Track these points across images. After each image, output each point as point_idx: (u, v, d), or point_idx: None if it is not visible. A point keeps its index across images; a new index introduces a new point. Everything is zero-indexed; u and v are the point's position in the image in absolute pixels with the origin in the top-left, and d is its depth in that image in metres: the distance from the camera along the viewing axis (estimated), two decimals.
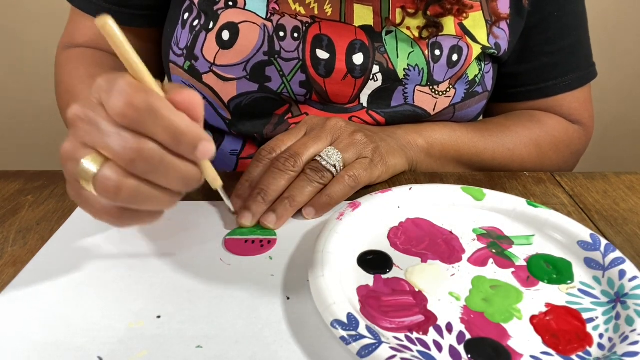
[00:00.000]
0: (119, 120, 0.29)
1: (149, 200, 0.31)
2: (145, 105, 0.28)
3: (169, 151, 0.30)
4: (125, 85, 0.29)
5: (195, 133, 0.30)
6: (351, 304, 0.32)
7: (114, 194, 0.30)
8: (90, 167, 0.30)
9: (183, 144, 0.30)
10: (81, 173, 0.30)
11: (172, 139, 0.29)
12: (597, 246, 0.38)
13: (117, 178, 0.29)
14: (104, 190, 0.30)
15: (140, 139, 0.29)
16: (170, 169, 0.30)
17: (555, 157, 0.61)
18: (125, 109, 0.28)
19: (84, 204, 0.33)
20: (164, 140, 0.29)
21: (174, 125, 0.29)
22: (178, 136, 0.29)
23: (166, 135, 0.29)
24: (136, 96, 0.28)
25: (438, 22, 0.53)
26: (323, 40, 0.51)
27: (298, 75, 0.52)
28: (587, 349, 0.31)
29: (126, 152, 0.29)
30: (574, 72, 0.62)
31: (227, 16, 0.51)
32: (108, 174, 0.29)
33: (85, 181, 0.30)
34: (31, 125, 1.45)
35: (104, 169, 0.30)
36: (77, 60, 0.60)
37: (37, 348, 0.31)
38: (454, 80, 0.55)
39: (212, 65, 0.52)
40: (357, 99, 0.54)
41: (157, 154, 0.29)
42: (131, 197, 0.30)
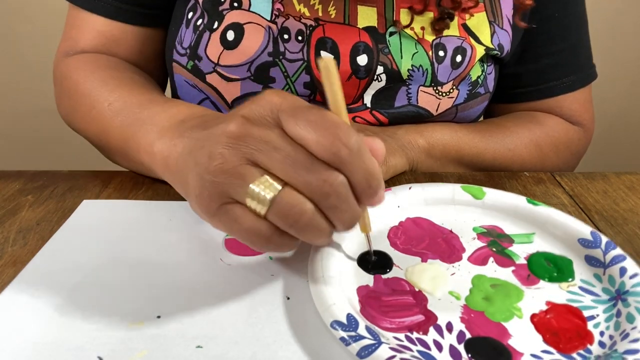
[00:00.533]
0: (324, 155, 0.29)
1: (318, 232, 0.31)
2: (357, 147, 0.29)
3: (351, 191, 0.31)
4: (333, 122, 0.29)
5: (381, 180, 0.31)
6: (351, 305, 0.32)
7: (295, 220, 0.30)
8: (268, 188, 0.30)
9: (372, 188, 0.31)
10: (255, 192, 0.30)
11: (366, 182, 0.30)
12: (597, 243, 0.38)
13: (302, 204, 0.30)
14: (285, 214, 0.30)
15: (338, 175, 0.29)
16: (349, 208, 0.31)
17: (555, 158, 0.61)
18: (336, 146, 0.29)
19: (223, 218, 0.31)
20: (359, 182, 0.30)
21: (371, 170, 0.30)
22: (372, 180, 0.30)
23: (362, 177, 0.30)
24: (352, 138, 0.29)
25: (452, 13, 0.53)
26: (327, 43, 0.51)
27: (302, 76, 0.52)
28: (588, 347, 0.31)
29: (325, 185, 0.29)
30: (574, 74, 0.62)
31: (232, 17, 0.51)
32: (293, 199, 0.30)
33: (259, 201, 0.30)
34: (31, 125, 1.45)
35: (288, 193, 0.30)
36: (90, 64, 0.55)
37: (37, 348, 0.31)
38: (457, 81, 0.55)
39: (216, 65, 0.52)
40: (360, 99, 0.54)
41: (347, 192, 0.30)
42: (307, 226, 0.30)
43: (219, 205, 0.31)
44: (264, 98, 0.31)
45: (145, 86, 0.51)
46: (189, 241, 0.40)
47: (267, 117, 0.31)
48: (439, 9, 0.53)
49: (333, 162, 0.29)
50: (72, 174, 0.50)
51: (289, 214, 0.30)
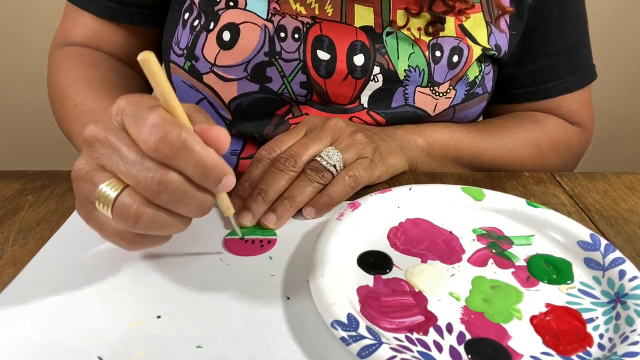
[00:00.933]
0: (151, 153, 0.29)
1: (166, 227, 0.32)
2: (180, 141, 0.29)
3: (192, 183, 0.31)
4: (159, 119, 0.29)
5: (221, 168, 0.31)
6: (351, 305, 0.32)
7: (134, 222, 0.30)
8: (109, 192, 0.30)
9: (210, 179, 0.31)
10: (99, 197, 0.31)
11: (200, 174, 0.30)
12: (597, 246, 0.38)
13: (137, 206, 0.30)
14: (124, 217, 0.30)
15: (168, 172, 0.30)
16: (191, 200, 0.31)
17: (555, 158, 0.61)
18: (159, 143, 0.29)
19: (94, 224, 0.33)
20: (192, 175, 0.30)
21: (203, 162, 0.30)
22: (206, 172, 0.30)
23: (195, 170, 0.30)
24: (172, 132, 0.29)
25: (443, 17, 0.53)
26: (324, 41, 0.51)
27: (299, 76, 0.52)
28: (587, 349, 0.31)
29: (153, 183, 0.29)
30: (573, 74, 0.62)
31: (227, 17, 0.51)
32: (128, 202, 0.30)
33: (104, 205, 0.31)
34: (31, 125, 1.45)
35: (124, 196, 0.30)
36: (72, 59, 0.59)
37: (37, 348, 0.31)
38: (454, 82, 0.55)
39: (213, 65, 0.52)
40: (357, 100, 0.54)
41: (182, 186, 0.30)
42: (149, 224, 0.31)
43: (87, 211, 0.33)
44: (116, 104, 0.32)
45: (112, 87, 0.55)
46: (189, 241, 0.40)
47: (113, 120, 0.31)
48: (430, 13, 0.53)
49: (160, 159, 0.30)
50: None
51: (127, 216, 0.30)
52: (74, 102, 0.51)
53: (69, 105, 0.53)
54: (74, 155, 1.09)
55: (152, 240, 0.34)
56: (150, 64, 0.29)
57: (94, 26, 0.60)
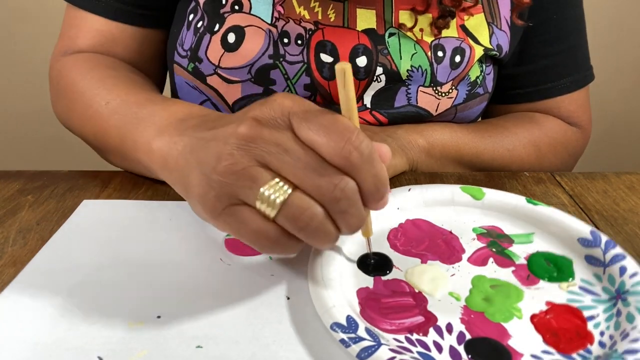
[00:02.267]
0: (338, 160, 0.29)
1: (325, 236, 0.31)
2: (368, 152, 0.29)
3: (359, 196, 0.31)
4: (345, 126, 0.29)
5: (388, 185, 0.31)
6: (351, 307, 0.32)
7: (305, 223, 0.30)
8: (279, 191, 0.29)
9: (379, 192, 0.31)
10: (265, 194, 0.29)
11: (375, 188, 0.30)
12: (597, 242, 0.38)
13: (313, 209, 0.30)
14: (295, 218, 0.30)
15: (349, 179, 0.30)
16: (357, 211, 0.31)
17: (553, 158, 0.61)
18: (353, 152, 0.29)
19: (231, 220, 0.31)
20: (368, 187, 0.30)
21: (380, 175, 0.30)
22: (380, 185, 0.30)
23: (372, 182, 0.30)
24: (364, 142, 0.29)
25: (453, 11, 0.53)
26: (326, 46, 0.52)
27: (303, 78, 0.52)
28: (588, 347, 0.31)
29: (336, 190, 0.29)
30: (571, 75, 0.62)
31: (233, 20, 0.51)
32: (304, 203, 0.30)
33: (268, 203, 0.30)
34: (31, 125, 1.45)
35: (299, 197, 0.30)
36: (87, 63, 0.55)
37: (37, 348, 0.31)
38: (456, 82, 0.55)
39: (217, 67, 0.52)
40: (360, 100, 0.54)
41: (356, 196, 0.30)
42: (317, 229, 0.30)
43: (225, 206, 0.31)
44: (275, 100, 0.31)
45: (143, 85, 0.51)
46: (189, 241, 0.40)
47: (278, 119, 0.30)
48: (440, 7, 0.53)
49: (344, 166, 0.29)
50: (72, 174, 0.50)
51: (299, 218, 0.30)
52: (106, 100, 0.48)
53: (99, 104, 0.48)
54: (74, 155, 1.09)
55: (291, 246, 0.32)
56: (348, 72, 0.30)
57: (105, 30, 0.58)
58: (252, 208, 0.30)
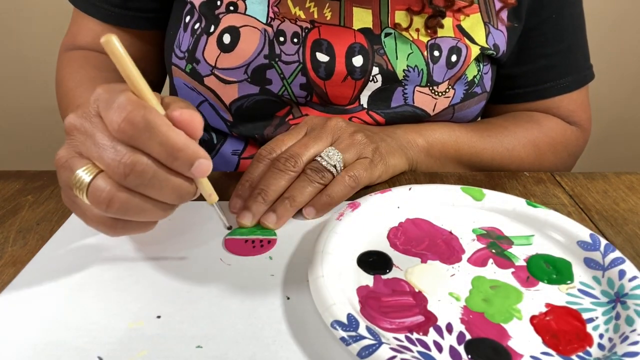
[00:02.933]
0: (116, 135, 0.30)
1: (141, 212, 0.32)
2: (143, 121, 0.29)
3: (164, 166, 0.31)
4: (124, 101, 0.30)
5: (192, 150, 0.31)
6: (351, 305, 0.32)
7: (106, 205, 0.30)
8: (84, 177, 0.31)
9: (179, 160, 0.30)
10: (75, 182, 0.31)
11: (168, 156, 0.30)
12: (596, 246, 0.38)
13: (109, 190, 0.30)
14: (96, 201, 0.31)
15: (135, 154, 0.30)
16: (163, 184, 0.31)
17: (553, 158, 0.61)
18: (123, 124, 0.29)
19: (77, 211, 0.34)
20: (159, 156, 0.30)
21: (169, 142, 0.30)
22: (174, 153, 0.30)
23: (162, 151, 0.30)
24: (135, 112, 0.29)
25: (443, 11, 0.53)
26: (322, 44, 0.52)
27: (298, 77, 0.52)
28: (587, 349, 0.31)
29: (120, 166, 0.30)
30: (571, 75, 0.62)
31: (228, 20, 0.51)
32: (101, 186, 0.30)
33: (79, 190, 0.31)
34: (31, 126, 1.45)
35: (97, 180, 0.30)
36: (77, 62, 0.59)
37: (37, 348, 0.31)
38: (453, 81, 0.55)
39: (214, 68, 0.52)
40: (357, 100, 0.54)
41: (151, 169, 0.30)
42: (123, 209, 0.31)
43: (71, 199, 0.33)
44: (95, 92, 0.32)
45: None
46: (189, 241, 0.40)
47: (90, 108, 0.32)
48: (431, 7, 0.53)
49: (125, 140, 0.30)
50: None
51: (100, 200, 0.30)
52: (77, 104, 0.51)
53: (73, 106, 0.53)
54: None
55: (133, 226, 0.33)
56: (111, 46, 0.29)
57: (99, 30, 0.60)
58: None
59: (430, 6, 0.53)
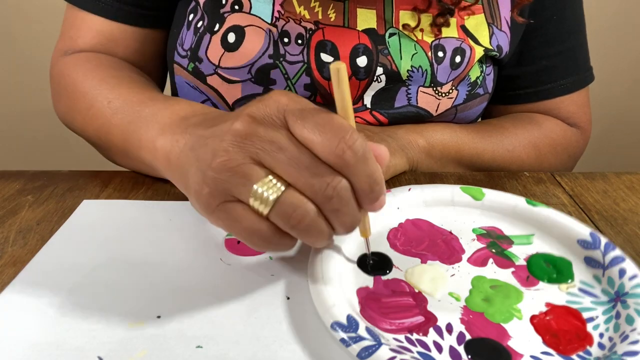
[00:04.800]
0: (331, 159, 0.29)
1: (318, 235, 0.31)
2: (363, 151, 0.29)
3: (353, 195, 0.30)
4: (340, 125, 0.29)
5: (383, 186, 0.31)
6: (351, 306, 0.32)
7: (297, 221, 0.30)
8: (272, 188, 0.29)
9: (374, 192, 0.30)
10: (258, 192, 0.29)
11: (369, 187, 0.30)
12: (597, 245, 0.38)
13: (306, 207, 0.30)
14: (288, 215, 0.30)
15: (342, 178, 0.29)
16: (350, 211, 0.31)
17: (553, 159, 0.61)
18: (347, 151, 0.29)
19: (225, 217, 0.31)
20: (362, 186, 0.30)
21: (374, 175, 0.30)
22: (375, 185, 0.30)
23: (365, 182, 0.30)
24: (358, 141, 0.29)
25: (452, 9, 0.53)
26: (327, 46, 0.52)
27: (303, 78, 0.52)
28: (588, 349, 0.31)
29: (329, 189, 0.29)
30: (571, 76, 0.62)
31: (233, 19, 0.51)
32: (296, 201, 0.29)
33: (262, 200, 0.30)
34: (31, 125, 1.45)
35: (291, 195, 0.30)
36: (89, 63, 0.55)
37: (37, 348, 0.31)
38: (456, 82, 0.55)
39: (217, 67, 0.52)
40: (360, 100, 0.54)
41: (349, 195, 0.30)
42: (309, 227, 0.30)
43: (219, 202, 0.31)
44: (271, 98, 0.31)
45: (145, 85, 0.51)
46: (189, 241, 0.40)
47: (273, 117, 0.30)
48: (439, 5, 0.53)
49: (337, 165, 0.29)
50: (72, 174, 0.50)
51: (292, 216, 0.30)
52: (108, 100, 0.48)
53: (101, 104, 0.48)
54: (74, 155, 1.10)
55: (285, 243, 0.32)
56: (342, 74, 0.30)
57: (106, 31, 0.57)
58: (246, 205, 0.30)
59: (439, 4, 0.53)
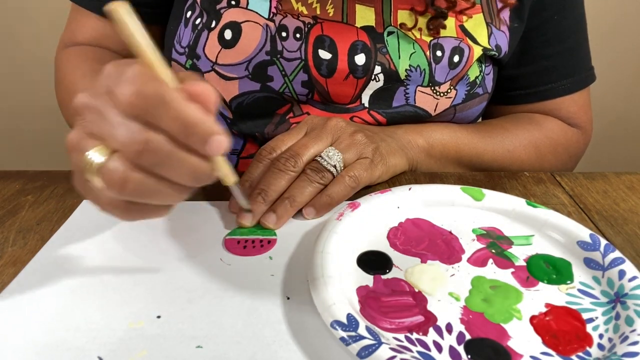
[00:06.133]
0: (127, 110, 0.27)
1: (156, 194, 0.30)
2: (154, 94, 0.27)
3: (180, 145, 0.28)
4: (135, 74, 0.27)
5: (207, 126, 0.28)
6: (351, 305, 0.32)
7: (120, 187, 0.28)
8: (96, 158, 0.29)
9: (193, 136, 0.28)
10: (86, 164, 0.29)
11: (182, 131, 0.28)
12: (596, 246, 0.38)
13: (123, 170, 0.28)
14: (110, 183, 0.29)
15: (148, 131, 0.28)
16: (179, 162, 0.29)
17: (553, 159, 0.61)
18: (133, 98, 0.27)
19: (90, 196, 0.31)
20: (173, 132, 0.28)
21: (183, 117, 0.27)
22: (188, 128, 0.28)
23: (176, 126, 0.27)
24: (146, 85, 0.27)
25: (445, 12, 0.53)
26: (325, 41, 0.51)
27: (300, 75, 0.52)
28: (587, 349, 0.31)
29: (133, 143, 0.28)
30: (572, 76, 0.62)
31: (229, 15, 0.51)
32: (114, 166, 0.28)
33: (91, 173, 0.29)
34: (31, 125, 1.45)
35: (110, 160, 0.28)
36: (79, 57, 0.59)
37: (37, 348, 0.31)
38: (455, 82, 0.55)
39: (214, 64, 0.52)
40: (358, 99, 0.54)
41: (165, 146, 0.28)
42: (137, 190, 0.29)
43: (83, 183, 0.30)
44: (104, 70, 0.30)
45: None
46: (189, 241, 0.40)
47: (102, 87, 0.29)
48: (433, 8, 0.53)
49: (137, 115, 0.27)
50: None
51: (113, 181, 0.28)
52: None
53: None
54: None
55: (148, 209, 0.31)
56: (120, 14, 0.27)
57: (99, 27, 0.60)
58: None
59: (432, 7, 0.53)
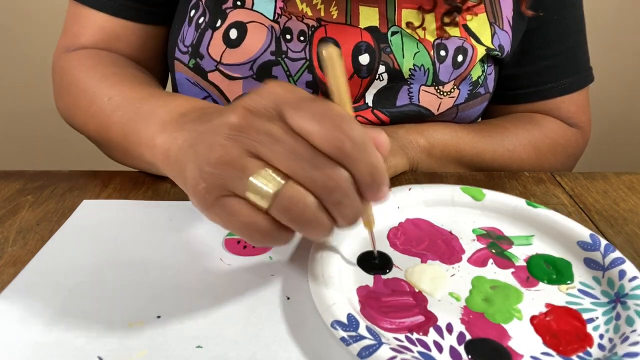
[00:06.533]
0: (329, 149, 0.28)
1: (319, 227, 0.30)
2: (362, 140, 0.28)
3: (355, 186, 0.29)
4: (337, 114, 0.28)
5: (385, 175, 0.30)
6: (351, 305, 0.32)
7: (299, 214, 0.29)
8: (272, 181, 0.29)
9: (376, 182, 0.29)
10: (255, 185, 0.29)
11: (370, 177, 0.29)
12: (596, 246, 0.38)
13: (307, 199, 0.29)
14: (289, 208, 0.29)
15: (342, 170, 0.28)
16: (350, 202, 0.29)
17: (553, 159, 0.61)
18: (340, 139, 0.27)
19: (221, 212, 0.30)
20: (362, 177, 0.29)
21: (375, 164, 0.29)
22: (376, 175, 0.29)
23: (366, 172, 0.29)
24: (356, 130, 0.28)
25: (460, 7, 0.53)
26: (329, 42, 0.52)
27: (305, 75, 0.52)
28: (588, 350, 0.31)
29: (329, 180, 0.28)
30: (571, 76, 0.62)
31: (235, 15, 0.51)
32: (297, 194, 0.29)
33: (261, 194, 0.29)
34: (31, 125, 1.45)
35: (292, 188, 0.29)
36: (91, 59, 0.55)
37: (37, 348, 0.31)
38: (458, 81, 0.55)
39: (218, 63, 0.52)
40: (362, 99, 0.54)
41: (350, 187, 0.29)
42: (311, 220, 0.29)
43: (215, 197, 0.30)
44: (267, 89, 0.30)
45: (146, 81, 0.51)
46: (189, 241, 0.40)
47: (269, 108, 0.30)
48: (447, 3, 0.53)
49: (337, 156, 0.28)
50: (72, 174, 0.50)
51: (292, 209, 0.29)
52: (109, 96, 0.48)
53: (102, 101, 0.48)
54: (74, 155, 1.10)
55: (284, 237, 0.31)
56: (333, 59, 0.29)
57: (109, 27, 0.57)
58: (242, 200, 0.30)
59: (447, 2, 0.53)
